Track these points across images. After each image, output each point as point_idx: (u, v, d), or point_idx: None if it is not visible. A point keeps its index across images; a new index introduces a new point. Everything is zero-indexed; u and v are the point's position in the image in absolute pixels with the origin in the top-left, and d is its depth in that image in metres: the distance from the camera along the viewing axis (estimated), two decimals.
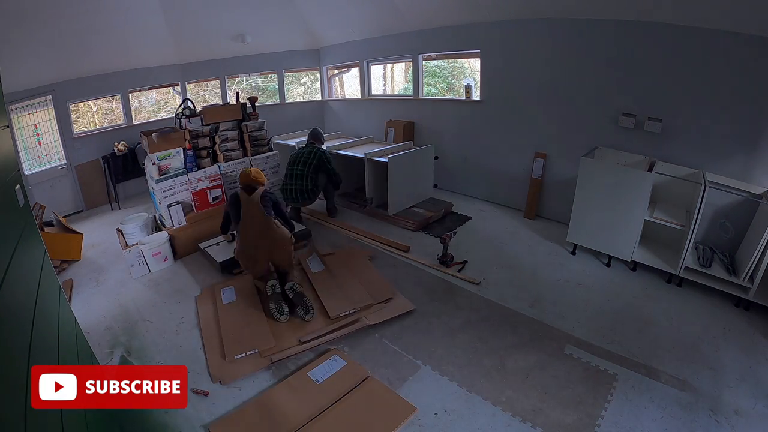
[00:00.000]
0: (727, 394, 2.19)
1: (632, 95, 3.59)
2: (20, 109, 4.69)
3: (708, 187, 2.88)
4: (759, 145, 3.06)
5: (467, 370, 2.41)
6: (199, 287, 3.38)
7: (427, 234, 4.22)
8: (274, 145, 4.84)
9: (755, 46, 2.89)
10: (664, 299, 3.05)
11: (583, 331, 2.71)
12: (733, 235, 3.14)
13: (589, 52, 3.77)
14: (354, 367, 2.40)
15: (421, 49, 5.30)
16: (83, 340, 2.20)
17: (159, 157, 3.82)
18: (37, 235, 1.83)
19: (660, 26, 3.28)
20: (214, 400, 2.26)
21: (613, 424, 2.03)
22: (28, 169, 4.86)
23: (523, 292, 3.17)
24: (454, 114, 5.17)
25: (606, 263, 3.51)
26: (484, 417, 2.10)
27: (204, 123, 4.16)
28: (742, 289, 2.87)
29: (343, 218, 4.67)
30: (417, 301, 3.05)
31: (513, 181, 4.68)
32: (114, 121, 5.98)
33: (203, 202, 4.04)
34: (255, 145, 4.45)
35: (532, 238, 4.05)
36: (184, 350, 2.66)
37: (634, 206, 3.20)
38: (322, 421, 2.05)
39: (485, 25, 4.44)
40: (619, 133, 3.73)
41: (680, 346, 2.57)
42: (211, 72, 6.32)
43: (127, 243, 3.76)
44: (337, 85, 7.42)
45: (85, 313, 3.06)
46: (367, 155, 4.54)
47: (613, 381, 2.29)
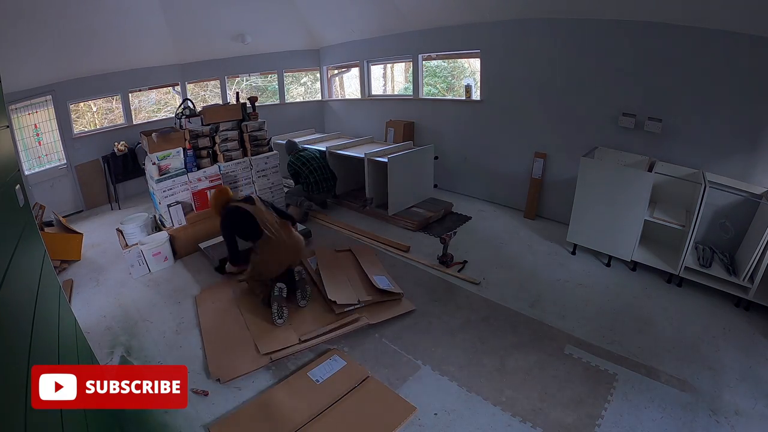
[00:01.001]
0: (727, 394, 2.19)
1: (632, 95, 3.59)
2: (20, 109, 4.69)
3: (708, 187, 2.87)
4: (759, 145, 3.06)
5: (467, 370, 2.41)
6: (199, 287, 3.38)
7: (427, 234, 4.22)
8: (274, 145, 4.85)
9: (755, 46, 2.89)
10: (664, 299, 3.05)
11: (583, 331, 2.71)
12: (733, 235, 3.14)
13: (589, 52, 3.77)
14: (354, 367, 2.40)
15: (421, 49, 5.30)
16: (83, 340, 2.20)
17: (159, 157, 3.82)
18: (37, 235, 1.83)
19: (660, 26, 3.28)
20: (214, 400, 2.26)
21: (613, 424, 2.03)
22: (28, 169, 4.86)
23: (523, 292, 3.17)
24: (454, 114, 5.17)
25: (606, 263, 3.51)
26: (484, 417, 2.10)
27: (204, 123, 4.16)
28: (742, 289, 2.87)
29: (344, 218, 4.67)
30: (417, 301, 3.05)
31: (513, 181, 4.68)
32: (114, 121, 5.98)
33: (203, 202, 4.04)
34: (255, 145, 4.45)
35: (532, 238, 4.05)
36: (184, 350, 2.66)
37: (634, 206, 3.20)
38: (322, 421, 2.06)
39: (485, 25, 4.44)
40: (619, 133, 3.73)
41: (680, 346, 2.57)
42: (211, 72, 6.32)
43: (127, 243, 3.76)
44: (337, 85, 7.42)
45: (85, 313, 3.07)
46: (367, 155, 4.54)
47: (613, 381, 2.29)
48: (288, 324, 2.79)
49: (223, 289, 3.29)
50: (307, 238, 4.09)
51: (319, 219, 4.70)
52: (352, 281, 3.17)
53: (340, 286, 3.07)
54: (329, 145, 5.22)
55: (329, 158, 4.97)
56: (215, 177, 4.12)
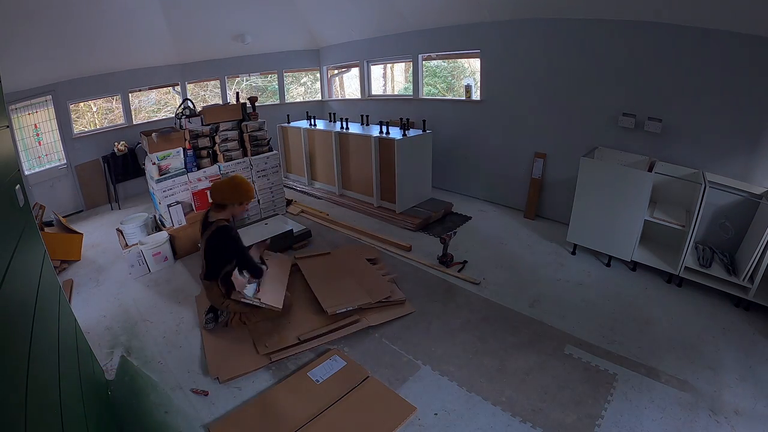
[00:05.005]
0: (727, 394, 2.19)
1: (632, 95, 3.59)
2: (20, 109, 4.69)
3: (708, 187, 2.87)
4: (759, 145, 3.06)
5: (467, 370, 2.41)
6: (199, 287, 3.38)
7: (427, 234, 4.23)
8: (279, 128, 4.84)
9: (755, 46, 2.89)
10: (664, 299, 3.05)
11: (583, 331, 2.71)
12: (733, 235, 3.14)
13: (589, 52, 3.78)
14: (354, 367, 2.40)
15: (421, 49, 5.30)
16: (83, 340, 2.20)
17: (159, 157, 3.82)
18: (37, 235, 1.84)
19: (660, 26, 3.28)
20: (214, 400, 2.26)
21: (613, 424, 2.03)
22: (28, 169, 4.86)
23: (523, 292, 3.17)
24: (454, 114, 5.17)
25: (606, 263, 3.51)
26: (484, 417, 2.10)
27: (204, 123, 4.16)
28: (742, 289, 2.87)
29: (344, 218, 4.67)
30: (417, 301, 3.05)
31: (513, 181, 4.68)
32: (114, 121, 5.99)
33: (203, 202, 4.04)
34: (255, 145, 4.45)
35: (532, 238, 4.05)
36: (184, 350, 2.66)
37: (634, 206, 3.20)
38: (322, 421, 2.05)
39: (485, 25, 4.44)
40: (619, 133, 3.73)
41: (680, 346, 2.57)
42: (211, 72, 6.32)
43: (127, 243, 3.76)
44: (337, 85, 7.43)
45: (85, 313, 3.06)
46: (376, 137, 4.54)
47: (613, 381, 2.29)
48: (287, 324, 2.80)
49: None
50: (307, 237, 4.09)
51: (319, 219, 4.69)
52: (343, 285, 3.13)
53: (332, 292, 3.04)
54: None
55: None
56: (215, 177, 4.12)
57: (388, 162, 4.51)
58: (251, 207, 4.50)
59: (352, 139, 4.90)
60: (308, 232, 4.13)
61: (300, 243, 4.01)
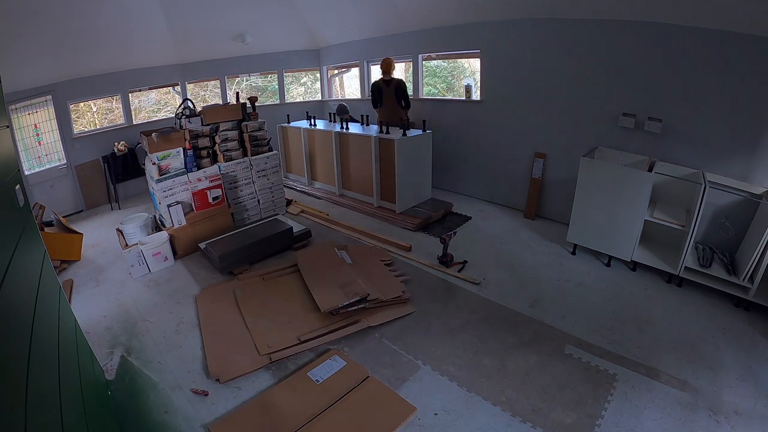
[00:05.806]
0: (727, 394, 2.19)
1: (632, 95, 3.59)
2: (20, 109, 4.69)
3: (708, 187, 2.87)
4: (759, 145, 3.06)
5: (467, 370, 2.41)
6: (199, 287, 3.38)
7: (427, 234, 4.23)
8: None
9: (755, 46, 2.89)
10: (664, 299, 3.05)
11: (583, 331, 2.71)
12: (733, 235, 3.14)
13: (589, 52, 3.77)
14: (354, 367, 2.40)
15: (421, 49, 5.30)
16: (83, 340, 2.20)
17: (159, 157, 3.82)
18: (37, 235, 1.84)
19: (660, 26, 3.28)
20: (214, 400, 2.26)
21: (613, 424, 2.03)
22: (28, 169, 4.86)
23: (523, 292, 3.17)
24: (454, 114, 5.17)
25: (606, 263, 3.51)
26: (484, 417, 2.10)
27: (204, 123, 4.16)
28: (742, 289, 2.87)
29: (344, 218, 4.67)
30: (417, 301, 3.06)
31: (513, 181, 4.68)
32: (114, 121, 5.99)
33: (203, 202, 4.04)
34: (255, 145, 4.45)
35: (532, 238, 4.05)
36: (184, 350, 2.66)
37: (634, 206, 3.20)
38: (322, 421, 2.05)
39: (485, 25, 4.44)
40: (619, 133, 3.73)
41: (680, 346, 2.57)
42: (211, 72, 6.32)
43: (127, 243, 3.76)
44: (337, 85, 7.43)
45: (85, 313, 3.07)
46: (375, 136, 4.54)
47: (613, 381, 2.29)
48: (288, 324, 2.80)
49: (223, 289, 3.29)
50: (307, 237, 4.10)
51: (320, 219, 4.69)
52: (340, 279, 3.12)
53: (325, 288, 3.03)
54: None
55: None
56: (215, 177, 4.12)
57: (388, 162, 4.51)
58: (251, 207, 4.53)
59: (352, 139, 4.90)
60: (308, 232, 4.13)
61: (300, 243, 4.01)
